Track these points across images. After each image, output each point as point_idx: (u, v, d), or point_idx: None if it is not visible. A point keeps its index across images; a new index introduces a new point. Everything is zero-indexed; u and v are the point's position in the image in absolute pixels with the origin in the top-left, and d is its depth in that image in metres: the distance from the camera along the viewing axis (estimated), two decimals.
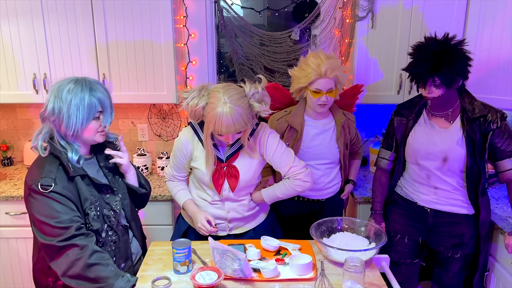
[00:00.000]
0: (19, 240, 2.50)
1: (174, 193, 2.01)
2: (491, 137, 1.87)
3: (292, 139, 2.16)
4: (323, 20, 2.76)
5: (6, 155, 2.97)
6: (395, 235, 2.13)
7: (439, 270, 2.12)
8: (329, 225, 1.85)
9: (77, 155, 1.54)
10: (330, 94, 2.05)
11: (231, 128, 1.67)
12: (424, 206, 2.04)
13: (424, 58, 1.80)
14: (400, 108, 2.09)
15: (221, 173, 1.84)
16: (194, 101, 1.70)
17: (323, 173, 2.21)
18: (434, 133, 1.96)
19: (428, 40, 1.86)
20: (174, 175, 2.00)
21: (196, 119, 1.80)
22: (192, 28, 2.79)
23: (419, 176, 2.03)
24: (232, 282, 1.57)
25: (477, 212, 1.97)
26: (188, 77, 2.86)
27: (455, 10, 2.45)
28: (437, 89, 1.82)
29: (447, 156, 1.92)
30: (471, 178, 1.93)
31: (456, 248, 2.02)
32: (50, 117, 1.50)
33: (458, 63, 1.79)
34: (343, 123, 2.20)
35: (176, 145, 1.92)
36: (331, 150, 2.20)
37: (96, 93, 1.52)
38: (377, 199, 2.18)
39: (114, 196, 1.66)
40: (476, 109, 1.89)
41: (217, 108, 1.65)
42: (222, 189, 1.87)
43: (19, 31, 2.47)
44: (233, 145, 1.86)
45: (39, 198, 1.46)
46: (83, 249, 1.45)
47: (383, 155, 2.17)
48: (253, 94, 1.72)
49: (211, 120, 1.67)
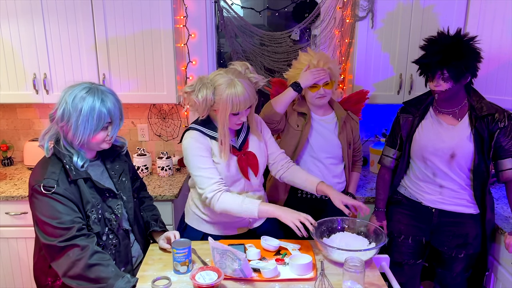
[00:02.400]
0: (19, 240, 2.50)
1: (240, 204, 1.72)
2: (497, 136, 1.88)
3: (301, 123, 2.18)
4: (323, 20, 2.76)
5: (6, 155, 2.97)
6: (399, 236, 2.12)
7: (442, 270, 2.11)
8: (329, 225, 1.85)
9: (82, 161, 1.55)
10: (327, 86, 2.11)
11: (247, 102, 1.70)
12: (429, 206, 2.03)
13: (434, 50, 1.82)
14: (407, 106, 2.09)
15: (243, 160, 1.84)
16: (202, 91, 1.69)
17: (326, 168, 2.22)
18: (442, 130, 1.96)
19: (440, 34, 1.87)
20: (216, 181, 1.74)
21: (204, 113, 1.76)
22: (192, 28, 2.79)
23: (425, 174, 2.02)
24: (232, 282, 1.57)
25: (483, 211, 1.97)
26: (188, 77, 2.86)
27: (455, 10, 2.45)
28: (445, 82, 1.83)
29: (455, 152, 1.92)
30: (478, 176, 1.92)
31: (460, 248, 2.01)
32: (59, 122, 1.51)
33: (468, 57, 1.80)
34: (344, 118, 2.22)
35: (191, 148, 1.77)
36: (334, 146, 2.21)
37: (107, 104, 1.51)
38: (380, 196, 2.19)
39: (116, 200, 1.66)
40: (484, 108, 1.89)
41: (230, 87, 1.67)
42: (249, 176, 1.86)
43: (19, 31, 2.47)
44: (240, 133, 1.87)
45: (41, 199, 1.47)
46: (84, 250, 1.46)
47: (387, 153, 2.17)
48: (245, 70, 1.77)
49: (227, 100, 1.67)
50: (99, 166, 1.67)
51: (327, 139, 2.21)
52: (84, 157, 1.56)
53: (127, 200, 1.70)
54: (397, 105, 2.25)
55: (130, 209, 1.71)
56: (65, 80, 2.55)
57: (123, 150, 1.75)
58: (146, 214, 1.85)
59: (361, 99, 2.39)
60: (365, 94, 2.39)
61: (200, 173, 1.75)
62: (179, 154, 3.02)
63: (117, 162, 1.72)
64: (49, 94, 2.56)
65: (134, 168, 1.92)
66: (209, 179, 1.74)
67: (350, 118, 2.27)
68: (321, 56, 2.11)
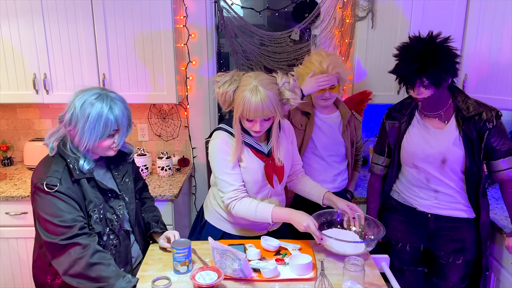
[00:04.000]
0: (19, 240, 2.50)
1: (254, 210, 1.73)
2: (487, 137, 1.83)
3: (305, 122, 2.18)
4: (323, 20, 2.76)
5: (6, 155, 2.97)
6: (397, 243, 2.07)
7: (437, 280, 2.05)
8: (329, 217, 1.85)
9: (88, 165, 1.55)
10: (333, 90, 2.11)
11: (258, 112, 1.64)
12: (424, 211, 1.98)
13: (410, 59, 1.76)
14: (392, 111, 2.04)
15: (269, 167, 1.82)
16: (225, 85, 1.69)
17: (329, 166, 2.22)
18: (429, 135, 1.92)
19: (412, 40, 1.82)
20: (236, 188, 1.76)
21: (225, 106, 1.74)
22: (192, 28, 2.79)
23: (418, 180, 1.97)
24: (232, 282, 1.57)
25: (478, 214, 1.93)
26: (188, 77, 2.86)
27: (455, 10, 2.45)
28: (426, 89, 1.78)
29: (446, 157, 1.87)
30: (471, 179, 1.88)
31: (458, 254, 1.96)
32: (67, 125, 1.51)
33: (445, 61, 1.74)
34: (348, 117, 2.23)
35: (217, 151, 1.77)
36: (337, 144, 2.22)
37: (115, 111, 1.51)
38: (372, 205, 2.15)
39: (118, 200, 1.66)
40: (470, 108, 1.84)
41: (247, 90, 1.64)
42: (274, 182, 1.85)
43: (19, 31, 2.47)
44: (269, 140, 1.83)
45: (44, 197, 1.47)
46: (85, 248, 1.46)
47: (376, 161, 2.14)
48: (284, 84, 1.71)
49: (239, 102, 1.65)
50: (102, 166, 1.67)
51: (330, 137, 2.21)
52: (91, 162, 1.56)
53: (129, 201, 1.70)
54: None
55: (132, 210, 1.71)
56: (65, 80, 2.55)
57: (130, 158, 1.75)
58: (147, 215, 1.85)
59: (364, 99, 2.40)
60: (368, 94, 2.40)
61: (223, 177, 1.77)
62: (179, 154, 3.02)
63: (121, 163, 1.72)
64: (49, 94, 2.57)
65: (138, 169, 1.92)
66: (230, 185, 1.76)
67: (354, 117, 2.28)
68: (332, 60, 2.08)
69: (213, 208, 1.94)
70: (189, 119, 2.97)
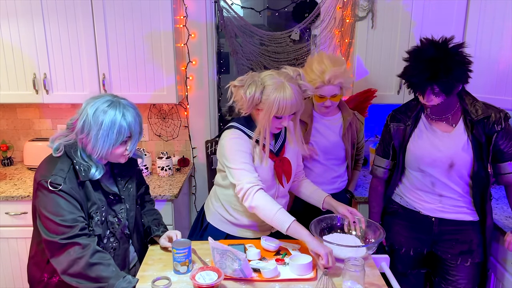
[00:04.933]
0: (19, 240, 2.50)
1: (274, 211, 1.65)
2: (495, 139, 1.78)
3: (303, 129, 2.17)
4: (323, 20, 2.76)
5: (6, 155, 2.97)
6: (400, 248, 2.02)
7: (445, 286, 1.98)
8: (329, 222, 1.85)
9: (100, 174, 1.55)
10: (334, 98, 2.09)
11: (293, 108, 1.67)
12: (429, 215, 1.93)
13: (421, 67, 1.69)
14: (396, 113, 1.98)
15: (279, 166, 1.82)
16: (252, 88, 1.67)
17: (328, 168, 2.22)
18: (437, 139, 1.86)
19: (424, 44, 1.75)
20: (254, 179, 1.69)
21: (248, 110, 1.73)
22: (192, 28, 2.79)
23: (423, 183, 1.92)
24: (232, 282, 1.57)
25: (483, 217, 1.89)
26: (188, 77, 2.87)
27: (455, 10, 2.45)
28: (437, 97, 1.73)
29: (453, 161, 1.83)
30: (478, 183, 1.84)
31: (465, 255, 1.91)
32: (79, 134, 1.51)
33: (457, 69, 1.67)
34: (350, 120, 2.22)
35: (235, 143, 1.74)
36: (337, 147, 2.21)
37: (128, 118, 1.51)
38: (374, 209, 2.09)
39: (121, 204, 1.67)
40: (479, 110, 1.79)
41: (279, 89, 1.64)
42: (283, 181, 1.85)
43: (19, 31, 2.47)
44: (278, 138, 1.85)
45: (47, 194, 1.47)
46: (85, 248, 1.46)
47: (378, 163, 2.07)
48: (296, 76, 1.73)
49: (274, 102, 1.64)
50: (106, 170, 1.66)
51: (330, 141, 2.20)
52: (102, 170, 1.56)
53: (130, 208, 1.70)
54: (397, 105, 2.25)
55: (132, 217, 1.71)
56: (65, 80, 2.55)
57: (139, 164, 1.75)
58: (147, 218, 1.85)
59: (369, 97, 2.39)
60: (372, 92, 2.39)
61: (241, 166, 1.71)
62: (179, 154, 3.02)
63: (126, 169, 1.71)
64: (49, 94, 2.57)
65: (141, 173, 1.90)
66: (249, 173, 1.70)
67: (356, 119, 2.26)
68: (334, 71, 2.01)
69: (215, 209, 1.92)
70: (189, 119, 2.97)
